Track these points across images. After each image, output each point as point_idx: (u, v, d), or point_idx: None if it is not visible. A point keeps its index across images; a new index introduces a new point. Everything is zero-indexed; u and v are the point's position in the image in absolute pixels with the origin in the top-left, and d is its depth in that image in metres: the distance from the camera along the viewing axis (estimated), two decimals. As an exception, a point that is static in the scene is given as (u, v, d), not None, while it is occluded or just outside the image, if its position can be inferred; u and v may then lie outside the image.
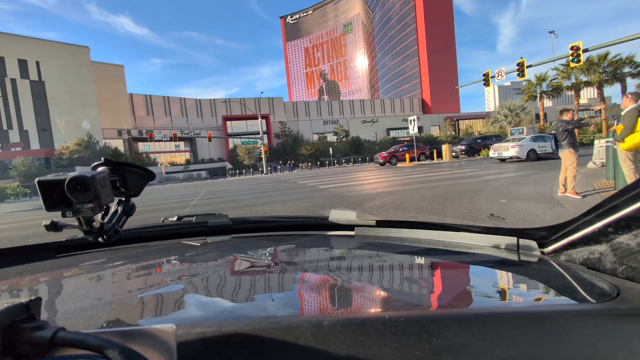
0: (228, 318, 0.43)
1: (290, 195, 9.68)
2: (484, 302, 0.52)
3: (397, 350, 0.36)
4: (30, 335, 0.29)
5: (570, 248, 0.64)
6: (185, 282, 0.64)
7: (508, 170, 11.13)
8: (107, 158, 0.62)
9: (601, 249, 0.57)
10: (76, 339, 0.29)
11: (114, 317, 0.47)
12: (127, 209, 0.65)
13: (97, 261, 0.87)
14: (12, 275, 0.76)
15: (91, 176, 0.50)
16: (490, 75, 21.56)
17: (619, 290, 0.47)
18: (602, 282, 0.51)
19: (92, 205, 0.51)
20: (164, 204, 10.43)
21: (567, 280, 0.55)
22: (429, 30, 78.22)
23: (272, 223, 1.22)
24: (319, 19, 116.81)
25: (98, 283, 0.70)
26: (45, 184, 0.50)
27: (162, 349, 0.32)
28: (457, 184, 8.61)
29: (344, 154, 48.21)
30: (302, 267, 0.74)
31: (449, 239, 0.89)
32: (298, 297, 0.55)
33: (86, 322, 0.45)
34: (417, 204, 6.04)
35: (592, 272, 0.57)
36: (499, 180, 8.52)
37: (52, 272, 0.78)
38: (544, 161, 14.40)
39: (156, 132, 44.14)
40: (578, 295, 0.49)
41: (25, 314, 0.30)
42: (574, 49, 16.85)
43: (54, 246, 0.97)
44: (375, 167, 23.17)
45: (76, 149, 39.97)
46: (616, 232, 0.53)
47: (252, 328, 0.38)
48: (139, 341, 0.33)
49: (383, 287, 0.59)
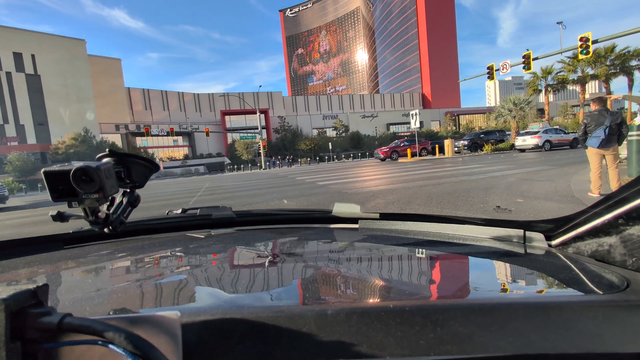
0: (232, 307, 0.43)
1: (287, 192, 9.19)
2: (488, 293, 0.52)
3: (401, 339, 0.36)
4: (38, 321, 0.30)
5: (579, 240, 0.63)
6: (190, 272, 0.65)
7: (515, 166, 10.63)
8: (112, 149, 0.61)
9: (611, 241, 0.56)
10: (83, 325, 0.30)
11: (120, 305, 0.48)
12: (132, 200, 0.65)
13: (104, 252, 0.89)
14: (20, 265, 0.78)
15: (96, 167, 0.50)
16: (495, 69, 20.99)
17: (628, 282, 0.46)
18: (611, 274, 0.51)
19: (98, 195, 0.51)
20: (147, 204, 9.94)
21: (574, 272, 0.54)
22: (429, 24, 77.17)
23: (276, 216, 1.22)
24: (319, 12, 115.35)
25: (104, 273, 0.72)
26: (51, 174, 0.50)
27: (167, 335, 0.32)
28: (464, 180, 8.12)
29: (343, 149, 47.77)
30: (305, 258, 0.74)
31: (454, 231, 0.88)
32: (302, 287, 0.55)
33: (92, 309, 0.45)
34: (424, 203, 5.55)
35: (600, 264, 0.56)
36: (508, 177, 8.02)
37: (59, 262, 0.81)
38: (556, 155, 13.90)
39: (154, 126, 43.68)
40: (586, 286, 0.49)
41: (33, 300, 0.31)
42: (583, 40, 16.25)
43: (62, 238, 0.99)
44: (376, 163, 22.65)
45: (72, 143, 39.42)
46: (627, 224, 0.53)
47: (256, 317, 0.38)
48: (144, 327, 0.33)
49: (387, 278, 0.59)
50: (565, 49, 19.21)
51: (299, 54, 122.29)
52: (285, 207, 5.94)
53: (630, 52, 27.58)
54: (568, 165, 9.68)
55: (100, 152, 0.58)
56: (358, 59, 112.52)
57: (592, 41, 16.23)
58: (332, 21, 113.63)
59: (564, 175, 7.59)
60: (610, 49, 27.43)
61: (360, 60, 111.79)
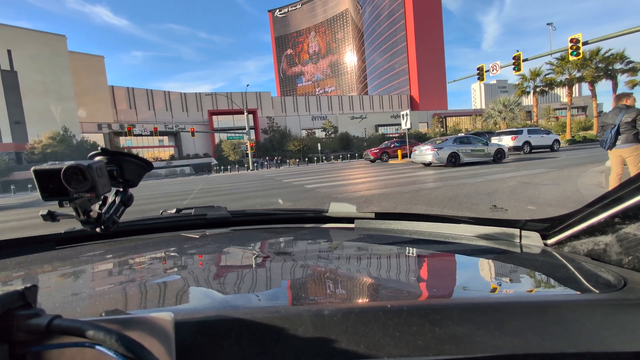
0: (227, 307, 0.42)
1: (271, 197, 8.53)
2: (485, 293, 0.52)
3: (399, 339, 0.36)
4: (26, 323, 0.29)
5: (574, 239, 0.63)
6: (184, 273, 0.63)
7: (510, 169, 10.23)
8: (104, 147, 0.60)
9: (607, 240, 0.56)
10: (72, 327, 0.29)
11: (111, 306, 0.47)
12: (124, 200, 0.64)
13: (96, 252, 0.88)
14: (11, 265, 0.76)
15: (88, 165, 0.49)
16: (485, 69, 20.81)
17: (625, 281, 0.46)
18: (607, 273, 0.51)
19: (90, 194, 0.50)
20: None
21: (571, 271, 0.54)
22: (417, 27, 77.62)
23: (271, 215, 1.20)
24: (308, 13, 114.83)
25: (96, 273, 0.70)
26: (42, 173, 0.49)
27: (160, 337, 0.32)
28: (462, 184, 7.62)
29: (332, 150, 47.23)
30: (301, 258, 0.74)
31: (450, 230, 0.88)
32: (298, 287, 0.55)
33: (83, 311, 0.44)
34: (426, 212, 4.99)
35: (596, 263, 0.56)
36: (508, 180, 7.56)
37: (50, 262, 0.80)
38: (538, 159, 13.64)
39: (138, 126, 42.06)
40: (583, 285, 0.49)
41: (21, 302, 0.30)
42: (573, 41, 16.11)
43: (53, 238, 0.97)
44: (366, 164, 22.13)
45: (50, 143, 37.46)
46: (623, 223, 0.52)
47: (252, 317, 0.38)
48: (136, 329, 0.32)
49: (383, 278, 0.58)
50: (555, 50, 19.13)
51: (288, 54, 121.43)
52: (280, 207, 5.52)
53: (614, 55, 27.94)
54: (567, 168, 9.32)
55: (80, 152, 0.52)
56: (347, 61, 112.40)
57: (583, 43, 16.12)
58: (321, 22, 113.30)
59: (568, 179, 7.17)
60: (595, 52, 27.72)
61: (349, 61, 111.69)
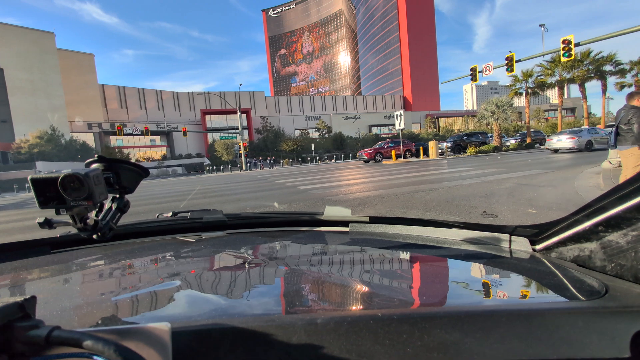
0: (223, 315, 0.43)
1: (263, 199, 8.29)
2: (475, 299, 0.53)
3: (389, 347, 0.37)
4: (25, 335, 0.29)
5: (561, 246, 0.65)
6: (181, 279, 0.64)
7: (506, 170, 10.14)
8: (101, 155, 0.61)
9: (591, 246, 0.58)
10: (71, 338, 0.29)
11: (109, 315, 0.47)
12: (121, 206, 0.64)
13: (92, 257, 0.88)
14: (6, 271, 0.76)
15: (85, 173, 0.49)
16: (478, 70, 20.82)
17: (607, 288, 0.47)
18: (591, 279, 0.52)
19: (86, 202, 0.50)
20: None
21: (557, 277, 0.56)
22: (410, 28, 77.97)
23: (267, 219, 1.22)
24: (302, 13, 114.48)
25: (93, 280, 0.71)
26: (39, 181, 0.49)
27: (157, 347, 0.32)
28: (458, 185, 7.47)
29: (326, 150, 47.12)
30: (296, 263, 0.75)
31: (443, 235, 0.90)
32: (292, 295, 0.56)
33: (81, 320, 0.45)
34: (422, 215, 4.81)
35: (582, 269, 0.58)
36: (505, 182, 7.44)
37: (47, 268, 0.80)
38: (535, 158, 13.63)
39: (130, 125, 41.32)
40: (568, 292, 0.50)
41: (20, 313, 0.30)
42: (565, 42, 16.14)
43: (49, 242, 0.97)
44: (360, 165, 21.99)
45: (37, 142, 36.58)
46: (606, 231, 0.54)
47: (246, 326, 0.38)
48: (134, 339, 0.33)
49: (375, 284, 0.60)
50: (547, 52, 19.21)
51: (281, 54, 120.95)
52: (276, 210, 5.41)
53: (604, 57, 28.26)
54: (562, 169, 9.26)
55: (69, 151, 0.52)
56: (341, 61, 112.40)
57: (575, 44, 16.17)
58: (315, 22, 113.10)
59: (565, 180, 7.06)
60: (586, 54, 28.00)
61: (343, 62, 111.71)
